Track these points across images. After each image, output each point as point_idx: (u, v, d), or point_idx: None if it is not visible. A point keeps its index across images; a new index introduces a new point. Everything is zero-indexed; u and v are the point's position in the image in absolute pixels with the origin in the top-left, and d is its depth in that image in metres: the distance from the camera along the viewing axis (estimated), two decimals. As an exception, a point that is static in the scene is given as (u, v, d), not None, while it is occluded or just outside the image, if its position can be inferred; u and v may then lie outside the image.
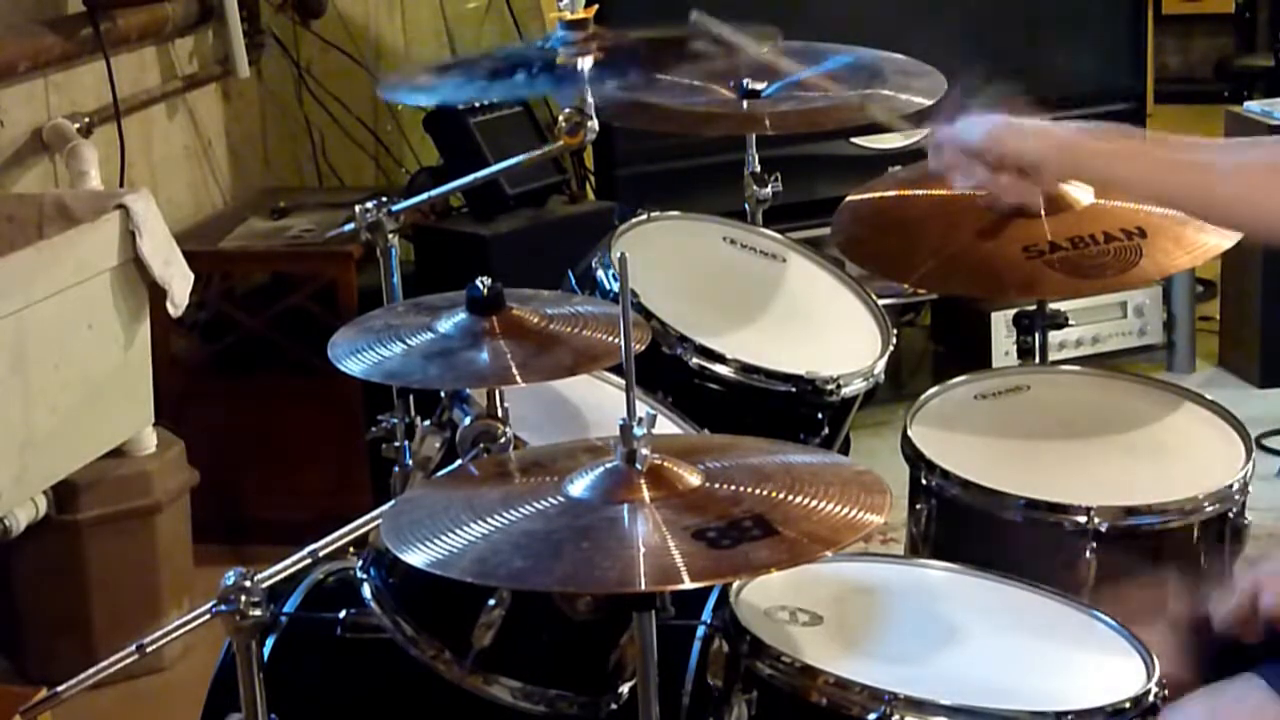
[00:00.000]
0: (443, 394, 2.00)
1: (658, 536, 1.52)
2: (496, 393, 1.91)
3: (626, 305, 1.61)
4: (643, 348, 1.96)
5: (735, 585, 1.85)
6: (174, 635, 1.84)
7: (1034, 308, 2.65)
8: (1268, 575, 1.83)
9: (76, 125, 3.38)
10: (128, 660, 1.84)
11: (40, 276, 2.75)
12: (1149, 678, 1.76)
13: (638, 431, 1.59)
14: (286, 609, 2.04)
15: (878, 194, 2.63)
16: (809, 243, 2.66)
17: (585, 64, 2.20)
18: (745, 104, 2.61)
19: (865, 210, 2.61)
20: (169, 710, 2.98)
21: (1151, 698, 1.73)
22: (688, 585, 1.47)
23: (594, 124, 2.31)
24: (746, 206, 2.70)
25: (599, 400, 2.20)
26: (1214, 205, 2.03)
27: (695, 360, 2.27)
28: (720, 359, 2.27)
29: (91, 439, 2.97)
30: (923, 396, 2.40)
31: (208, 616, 1.79)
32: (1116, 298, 4.20)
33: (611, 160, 3.99)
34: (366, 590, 1.94)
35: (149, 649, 1.84)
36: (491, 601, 1.83)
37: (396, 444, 2.18)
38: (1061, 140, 2.09)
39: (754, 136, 2.69)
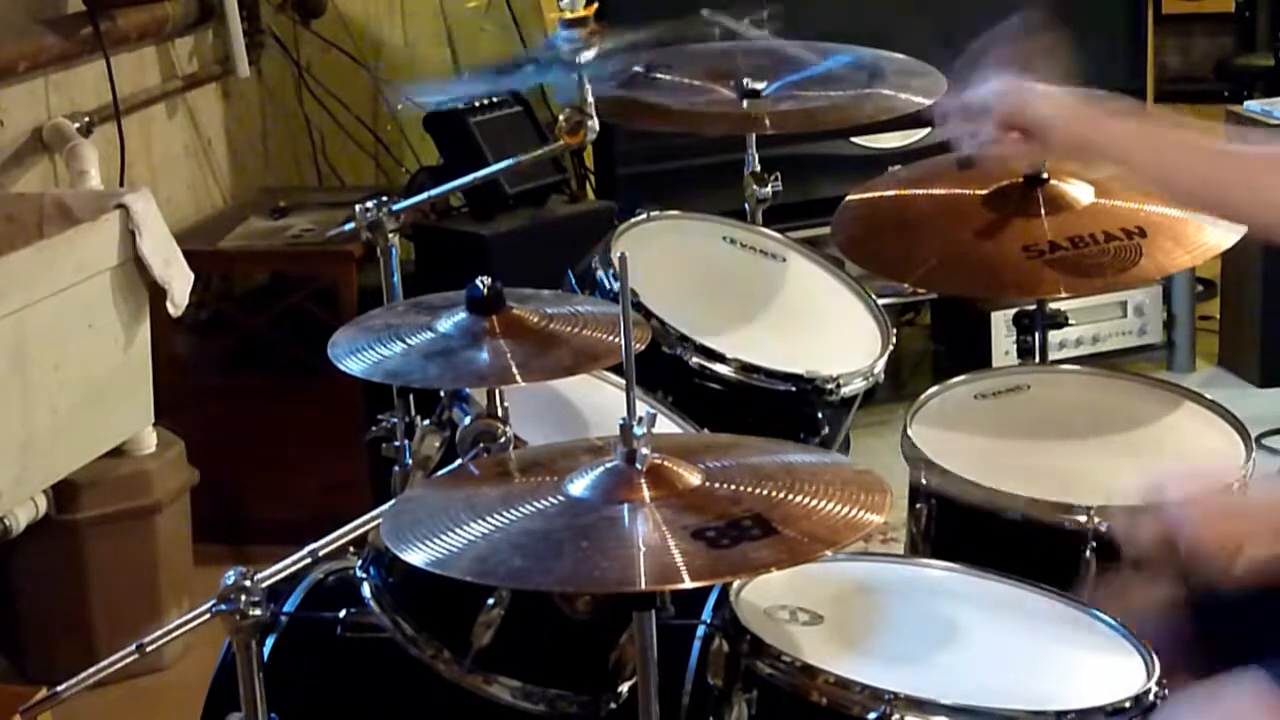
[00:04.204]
0: (443, 394, 2.00)
1: (658, 536, 1.52)
2: (496, 393, 1.91)
3: (626, 305, 1.61)
4: (643, 348, 1.96)
5: (735, 585, 1.85)
6: (174, 635, 1.84)
7: (1034, 307, 2.65)
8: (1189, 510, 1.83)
9: (76, 125, 3.38)
10: (128, 660, 1.84)
11: (40, 276, 2.75)
12: (1149, 677, 1.76)
13: (638, 431, 1.59)
14: (286, 609, 2.04)
15: (878, 194, 2.63)
16: (809, 243, 2.66)
17: (587, 57, 2.20)
18: (745, 104, 2.61)
19: (865, 210, 2.61)
20: (169, 710, 2.98)
21: (1151, 697, 1.73)
22: (688, 585, 1.47)
23: (594, 123, 2.31)
24: (746, 206, 2.70)
25: (599, 400, 2.20)
26: (1213, 191, 2.02)
27: (695, 360, 2.27)
28: (720, 359, 2.27)
29: (91, 439, 2.97)
30: (923, 396, 2.40)
31: (208, 616, 1.79)
32: (1116, 297, 4.20)
33: (611, 160, 3.99)
34: (366, 590, 1.94)
35: (149, 649, 1.84)
36: (491, 601, 1.83)
37: (396, 443, 2.18)
38: (1072, 107, 2.07)
39: (754, 136, 2.69)
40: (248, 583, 1.77)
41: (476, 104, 3.70)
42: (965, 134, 2.15)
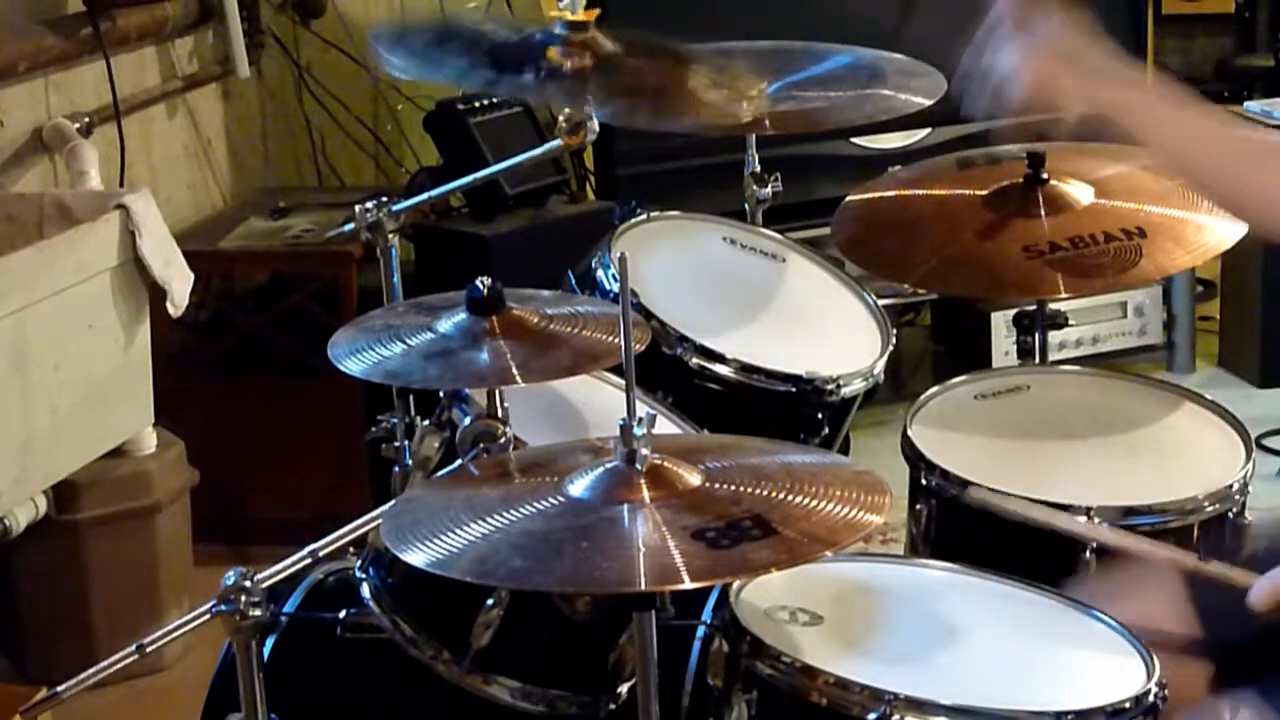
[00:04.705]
0: (442, 394, 2.00)
1: (657, 536, 1.52)
2: (496, 393, 1.91)
3: (626, 305, 1.61)
4: (643, 348, 1.96)
5: (735, 585, 1.85)
6: (174, 635, 1.84)
7: (1034, 308, 2.65)
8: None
9: (76, 125, 3.38)
10: (128, 660, 1.84)
11: (40, 276, 2.75)
12: (1149, 678, 1.76)
13: (638, 431, 1.59)
14: (286, 609, 2.04)
15: (878, 194, 2.63)
16: (809, 243, 2.66)
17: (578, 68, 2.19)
18: (745, 104, 2.60)
19: (865, 210, 2.61)
20: (169, 710, 2.98)
21: (1151, 698, 1.73)
22: (688, 585, 1.47)
23: (594, 124, 2.31)
24: (746, 206, 2.70)
25: (599, 400, 2.20)
26: (1222, 183, 2.01)
27: (695, 360, 2.27)
28: (720, 359, 2.27)
29: (91, 439, 2.97)
30: (923, 396, 2.40)
31: (208, 616, 1.79)
32: (1116, 298, 4.20)
33: (611, 160, 3.99)
34: (366, 590, 1.94)
35: (149, 649, 1.84)
36: (490, 601, 1.83)
37: (396, 444, 2.18)
38: (1095, 79, 2.00)
39: (754, 136, 2.69)
40: (248, 583, 1.77)
41: (476, 104, 3.70)
42: (986, 104, 2.09)
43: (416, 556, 1.54)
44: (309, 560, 1.85)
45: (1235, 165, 1.96)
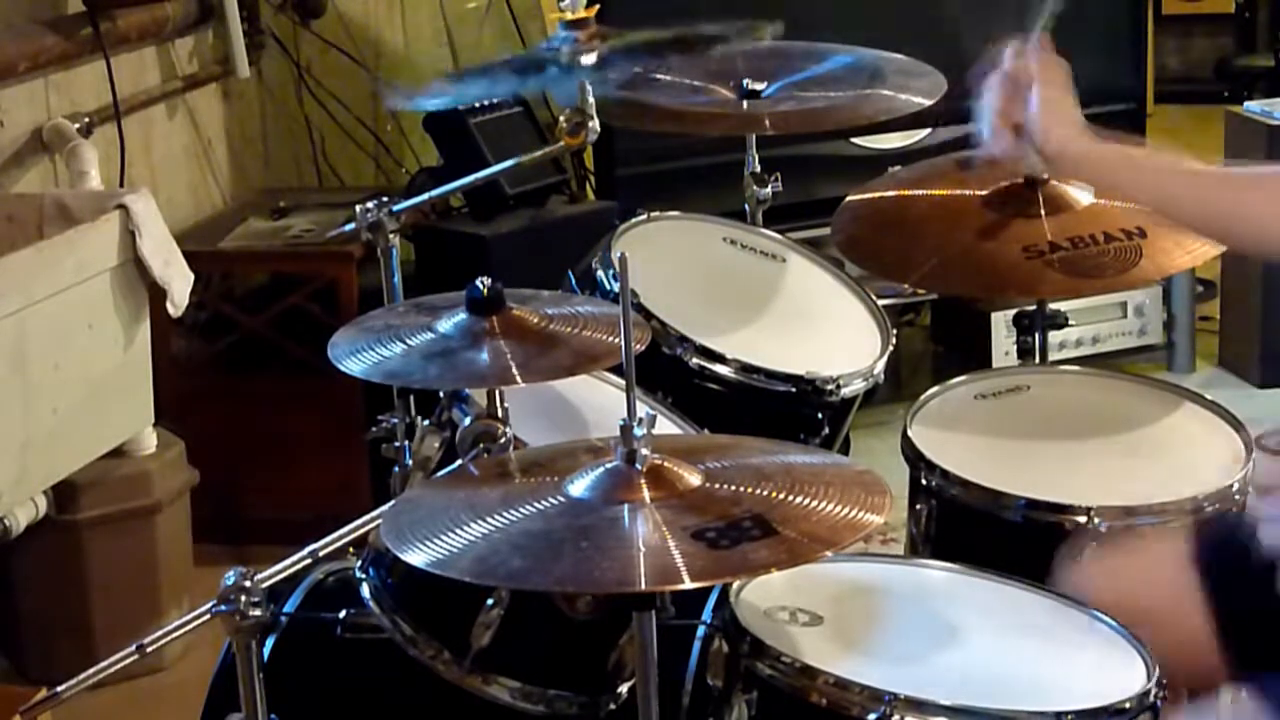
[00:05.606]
0: (442, 394, 2.00)
1: (658, 536, 1.52)
2: (496, 393, 1.91)
3: (626, 305, 1.61)
4: (643, 348, 1.96)
5: (735, 585, 1.85)
6: (174, 635, 1.84)
7: (1034, 308, 2.65)
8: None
9: (76, 125, 3.38)
10: (128, 660, 1.84)
11: (40, 276, 2.75)
12: (1149, 678, 1.76)
13: (638, 431, 1.59)
14: (286, 609, 2.04)
15: (878, 194, 2.63)
16: (809, 243, 2.66)
17: (587, 61, 2.20)
18: (745, 104, 2.61)
19: (865, 210, 2.61)
20: (169, 710, 2.98)
21: (1151, 698, 1.73)
22: (688, 585, 1.47)
23: (594, 124, 2.31)
24: (746, 206, 2.70)
25: (599, 400, 2.20)
26: (1198, 212, 2.03)
27: (695, 360, 2.27)
28: (720, 359, 2.27)
29: (91, 439, 2.97)
30: (923, 396, 2.40)
31: (208, 616, 1.79)
32: (1116, 298, 4.20)
33: (611, 160, 3.99)
34: (366, 590, 1.94)
35: (149, 649, 1.84)
36: (490, 601, 1.83)
37: (396, 444, 2.18)
38: (1072, 119, 2.07)
39: (754, 136, 2.69)
40: (248, 583, 1.77)
41: (476, 104, 3.70)
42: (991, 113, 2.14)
43: (416, 556, 1.54)
44: (309, 560, 1.85)
45: (1207, 195, 1.98)
